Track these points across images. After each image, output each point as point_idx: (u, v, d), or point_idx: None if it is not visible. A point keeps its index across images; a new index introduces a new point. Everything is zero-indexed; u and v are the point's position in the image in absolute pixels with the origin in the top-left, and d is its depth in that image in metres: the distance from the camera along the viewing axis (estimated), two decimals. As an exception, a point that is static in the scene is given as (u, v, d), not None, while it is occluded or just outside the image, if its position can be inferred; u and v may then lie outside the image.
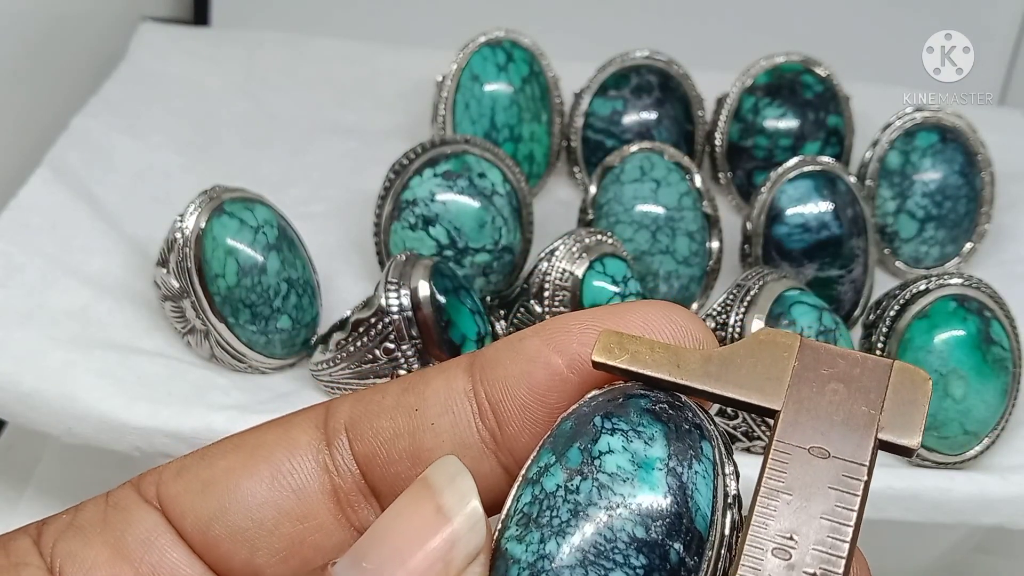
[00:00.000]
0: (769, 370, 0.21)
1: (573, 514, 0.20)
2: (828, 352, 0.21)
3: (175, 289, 0.48)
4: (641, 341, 0.22)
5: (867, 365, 0.21)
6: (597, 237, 0.49)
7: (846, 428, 0.20)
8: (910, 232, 0.59)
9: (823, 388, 0.21)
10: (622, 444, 0.20)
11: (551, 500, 0.20)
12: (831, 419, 0.21)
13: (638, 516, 0.20)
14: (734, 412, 0.48)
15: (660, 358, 0.22)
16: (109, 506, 0.24)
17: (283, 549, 0.23)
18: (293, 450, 0.24)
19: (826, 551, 0.19)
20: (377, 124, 0.67)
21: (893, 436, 0.20)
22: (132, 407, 0.45)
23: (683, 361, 0.22)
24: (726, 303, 0.48)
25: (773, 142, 0.61)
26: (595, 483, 0.20)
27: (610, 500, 0.20)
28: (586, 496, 0.20)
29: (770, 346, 0.22)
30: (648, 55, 0.62)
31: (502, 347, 0.23)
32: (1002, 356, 0.49)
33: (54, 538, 0.23)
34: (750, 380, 0.21)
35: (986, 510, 0.47)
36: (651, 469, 0.20)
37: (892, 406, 0.21)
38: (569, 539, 0.20)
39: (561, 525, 0.20)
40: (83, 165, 0.58)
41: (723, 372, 0.21)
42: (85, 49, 0.68)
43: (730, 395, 0.21)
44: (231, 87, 0.68)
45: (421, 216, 0.52)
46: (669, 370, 0.21)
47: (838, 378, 0.21)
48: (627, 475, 0.20)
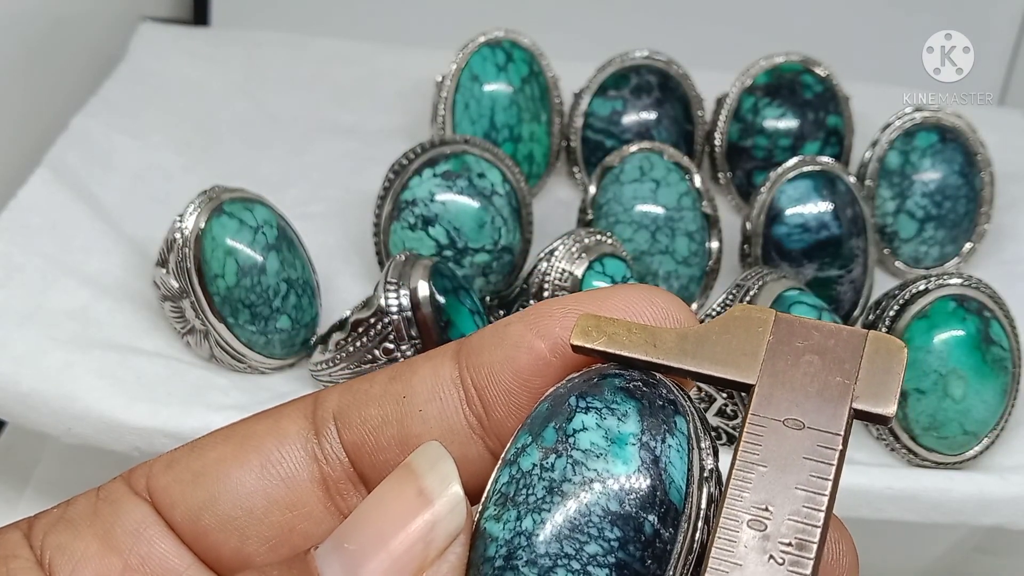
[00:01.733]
0: (744, 345, 0.21)
1: (548, 491, 0.20)
2: (802, 325, 0.21)
3: (175, 289, 0.48)
4: (618, 323, 0.22)
5: (841, 336, 0.21)
6: (596, 237, 0.49)
7: (820, 399, 0.21)
8: (910, 232, 0.59)
9: (797, 360, 0.21)
10: (596, 421, 0.21)
11: (527, 479, 0.20)
12: (806, 391, 0.21)
13: (612, 490, 0.20)
14: (733, 412, 0.48)
15: (636, 339, 0.22)
16: (100, 499, 0.24)
17: (272, 537, 0.23)
18: (282, 439, 0.24)
19: (801, 521, 0.19)
20: (377, 124, 0.67)
21: (868, 405, 0.20)
22: (132, 407, 0.45)
23: (659, 340, 0.22)
24: (726, 303, 0.48)
25: (773, 142, 0.61)
26: (569, 460, 0.20)
27: (584, 475, 0.20)
28: (560, 473, 0.20)
29: (745, 321, 0.22)
30: (648, 55, 0.62)
31: (487, 333, 0.23)
32: (1001, 356, 0.49)
33: (44, 531, 0.23)
34: (725, 356, 0.21)
35: (986, 510, 0.47)
36: (624, 444, 0.20)
37: (867, 375, 0.21)
38: (545, 515, 0.20)
39: (536, 502, 0.20)
40: (83, 165, 0.58)
41: (698, 349, 0.21)
42: (85, 49, 0.68)
43: (705, 371, 0.21)
44: (231, 87, 0.68)
45: (421, 216, 0.52)
46: (645, 350, 0.22)
47: (812, 350, 0.21)
48: (600, 451, 0.20)
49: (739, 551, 0.19)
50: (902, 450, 0.49)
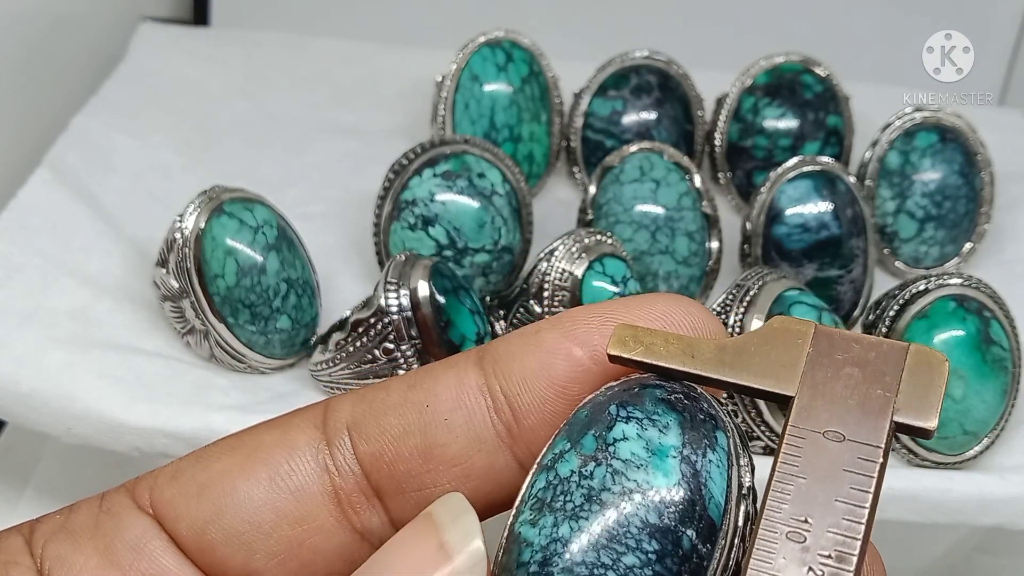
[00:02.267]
0: (783, 357, 0.21)
1: (587, 499, 0.20)
2: (843, 337, 0.21)
3: (174, 289, 0.48)
4: (656, 334, 0.22)
5: (882, 349, 0.21)
6: (596, 237, 0.49)
7: (861, 412, 0.20)
8: (910, 232, 0.59)
9: (838, 373, 0.21)
10: (636, 432, 0.21)
11: (565, 485, 0.20)
12: (846, 403, 0.21)
13: (651, 502, 0.20)
14: (733, 412, 0.48)
15: (674, 349, 0.22)
16: (102, 511, 0.23)
17: (281, 552, 0.23)
18: (292, 451, 0.23)
19: (841, 533, 0.19)
20: (377, 124, 0.67)
21: (909, 418, 0.20)
22: (132, 407, 0.45)
23: (697, 351, 0.22)
24: (726, 303, 0.48)
25: (773, 142, 0.61)
26: (609, 469, 0.20)
27: (624, 486, 0.20)
28: (600, 481, 0.20)
29: (784, 333, 0.22)
30: (648, 55, 0.62)
31: (516, 340, 0.23)
32: (1002, 356, 0.49)
33: (44, 539, 0.23)
34: (764, 368, 0.21)
35: (986, 510, 0.47)
36: (665, 456, 0.20)
37: (908, 388, 0.21)
38: (582, 523, 0.20)
39: (574, 509, 0.20)
40: (83, 165, 0.58)
41: (737, 361, 0.21)
42: (85, 49, 0.68)
43: (744, 383, 0.21)
44: (231, 87, 0.68)
45: (421, 216, 0.52)
46: (683, 360, 0.22)
47: (853, 362, 0.21)
48: (641, 462, 0.20)
49: (778, 563, 0.19)
50: (902, 450, 0.49)
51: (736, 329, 0.47)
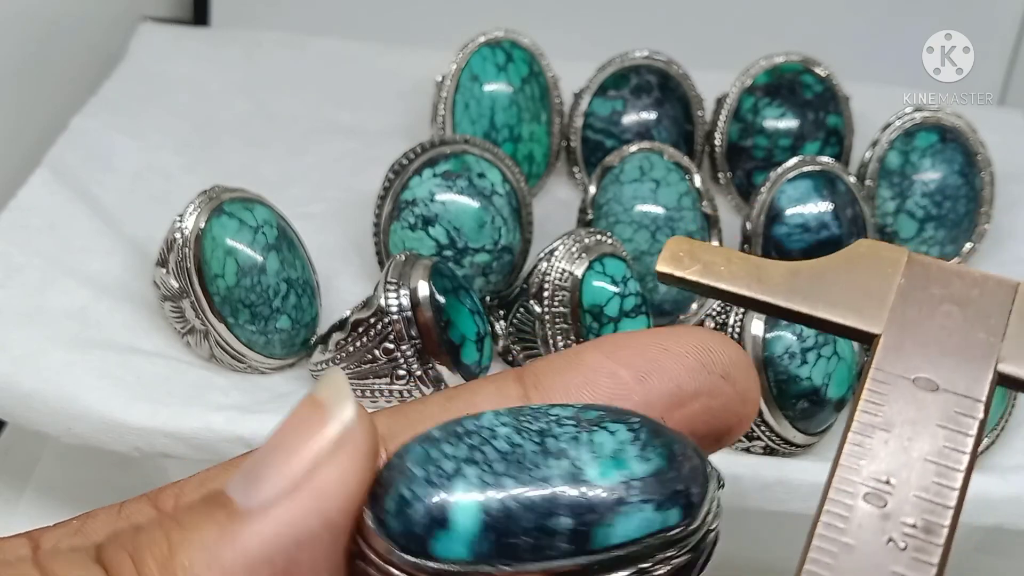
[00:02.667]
0: (869, 287, 0.18)
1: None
2: (941, 269, 0.18)
3: (174, 289, 0.48)
4: (716, 251, 0.19)
5: (987, 286, 0.18)
6: (596, 237, 0.49)
7: (960, 357, 0.18)
8: (910, 232, 0.59)
9: (934, 310, 0.18)
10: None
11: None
12: (942, 346, 0.18)
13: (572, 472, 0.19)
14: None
15: (737, 270, 0.19)
16: (121, 519, 0.23)
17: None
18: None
19: (930, 499, 0.16)
20: (377, 124, 0.67)
21: (1018, 368, 0.18)
22: (132, 407, 0.45)
23: (765, 274, 0.19)
24: (725, 303, 0.48)
25: (773, 142, 0.61)
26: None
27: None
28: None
29: (871, 260, 0.19)
30: (648, 55, 0.62)
31: (557, 360, 0.23)
32: (1002, 356, 0.49)
33: (56, 544, 0.22)
34: (845, 298, 0.18)
35: (986, 510, 0.47)
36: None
37: (1017, 333, 0.18)
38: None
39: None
40: (83, 165, 0.58)
41: (813, 288, 0.18)
42: (85, 49, 0.68)
43: (820, 315, 0.18)
44: (231, 87, 0.68)
45: (421, 216, 0.52)
46: (748, 283, 0.19)
47: (952, 300, 0.18)
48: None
49: (851, 529, 0.16)
50: (902, 450, 0.49)
51: (737, 329, 0.47)
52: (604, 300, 0.48)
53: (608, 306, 0.48)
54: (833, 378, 0.47)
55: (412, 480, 0.19)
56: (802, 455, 0.48)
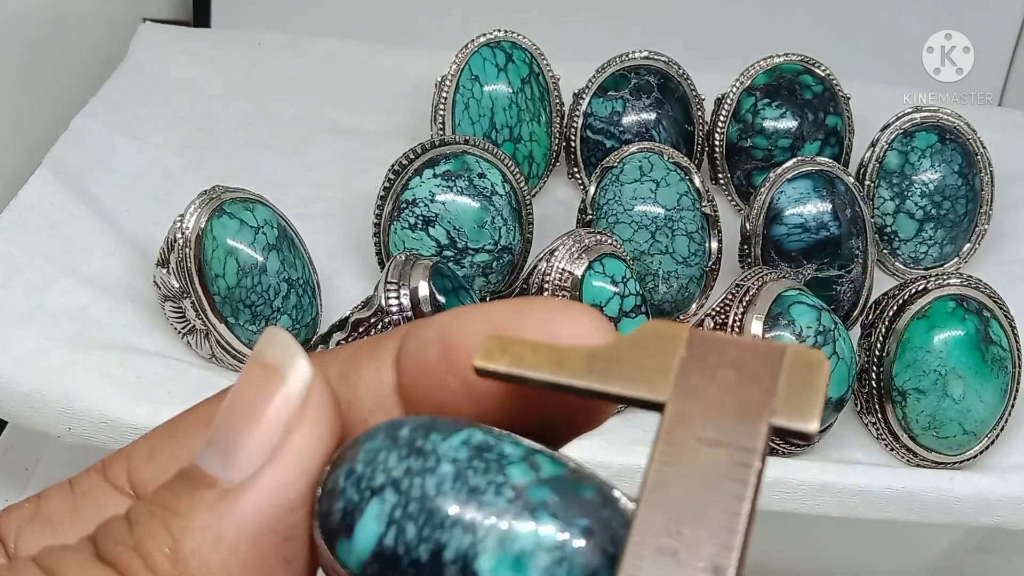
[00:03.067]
0: (656, 362, 0.20)
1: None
2: (718, 340, 0.20)
3: (175, 289, 0.48)
4: (524, 343, 0.20)
5: (759, 350, 0.20)
6: (596, 237, 0.49)
7: (737, 415, 0.19)
8: (909, 232, 0.59)
9: (713, 376, 0.20)
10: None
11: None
12: (721, 407, 0.19)
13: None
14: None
15: (542, 359, 0.20)
16: (77, 495, 0.23)
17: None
18: None
19: (717, 544, 0.18)
20: (377, 124, 0.67)
21: (787, 420, 0.19)
22: (132, 407, 0.45)
23: (567, 359, 0.20)
24: (725, 303, 0.48)
25: (772, 142, 0.61)
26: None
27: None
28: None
29: (657, 338, 0.20)
30: (647, 55, 0.62)
31: (413, 338, 0.22)
32: (1001, 356, 0.49)
33: (17, 527, 0.23)
34: (636, 373, 0.20)
35: (985, 510, 0.47)
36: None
37: (786, 390, 0.19)
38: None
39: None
40: (83, 165, 0.58)
41: (608, 367, 0.20)
42: (85, 50, 0.68)
43: (615, 391, 0.20)
44: (231, 87, 0.68)
45: (421, 216, 0.52)
46: (551, 369, 0.20)
47: (729, 364, 0.20)
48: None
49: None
50: (901, 450, 0.49)
51: (736, 328, 0.47)
52: (604, 300, 0.48)
53: (608, 306, 0.48)
54: (832, 378, 0.47)
55: (351, 474, 0.19)
56: (801, 455, 0.48)
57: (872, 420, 0.50)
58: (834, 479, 0.46)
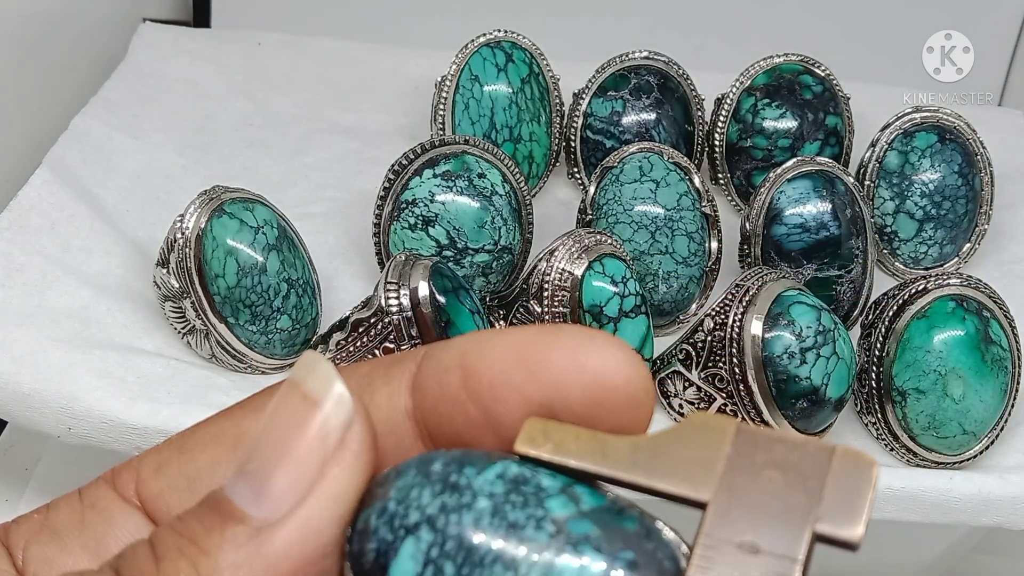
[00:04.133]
0: (701, 457, 0.19)
1: None
2: (765, 437, 0.19)
3: (175, 289, 0.48)
4: (566, 429, 0.20)
5: (807, 450, 0.19)
6: (596, 237, 0.49)
7: (780, 520, 0.19)
8: (909, 232, 0.59)
9: (757, 476, 0.19)
10: None
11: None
12: (765, 510, 0.19)
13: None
14: (733, 412, 0.48)
15: (585, 447, 0.20)
16: (85, 506, 0.23)
17: None
18: None
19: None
20: (377, 124, 0.67)
21: (832, 528, 0.19)
22: (132, 407, 0.45)
23: (610, 449, 0.20)
24: (725, 303, 0.48)
25: (772, 142, 0.61)
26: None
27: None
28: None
29: (703, 431, 0.20)
30: (647, 55, 0.62)
31: (436, 348, 0.22)
32: (1001, 356, 0.49)
33: (25, 540, 0.22)
34: (680, 468, 0.19)
35: (985, 510, 0.47)
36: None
37: (832, 494, 0.19)
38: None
39: None
40: (83, 165, 0.58)
41: (652, 460, 0.20)
42: (85, 50, 0.68)
43: (658, 487, 0.19)
44: (231, 87, 0.68)
45: (421, 216, 0.52)
46: (595, 459, 0.20)
47: (774, 464, 0.19)
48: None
49: None
50: (901, 450, 0.49)
51: (736, 328, 0.47)
52: (604, 300, 0.48)
53: (608, 306, 0.48)
54: (832, 378, 0.47)
55: (383, 512, 0.19)
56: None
57: (872, 420, 0.50)
58: (834, 479, 0.46)
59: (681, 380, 0.49)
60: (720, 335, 0.48)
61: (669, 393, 0.50)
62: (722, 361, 0.48)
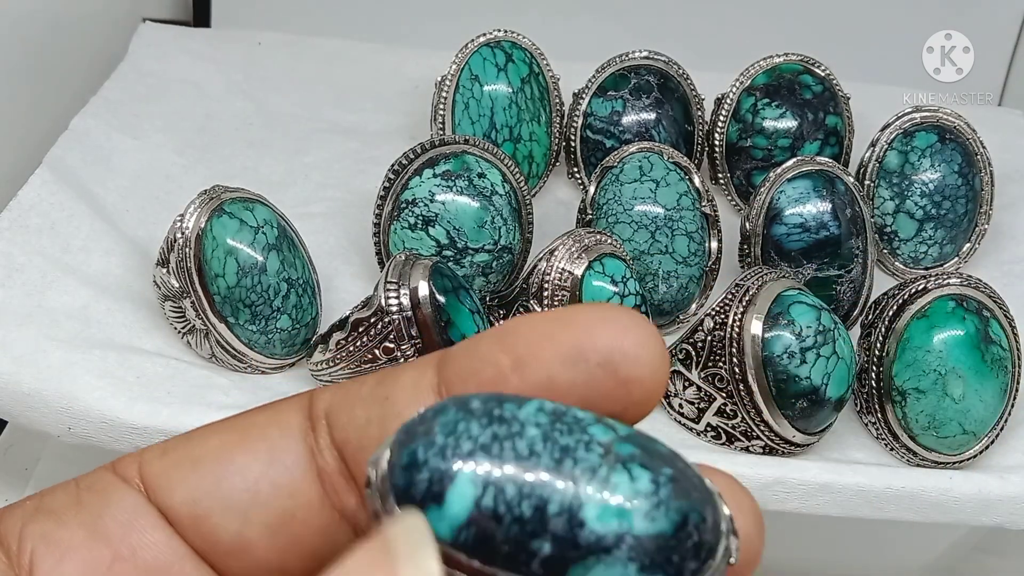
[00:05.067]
0: None
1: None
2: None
3: (175, 289, 0.48)
4: None
5: None
6: (596, 237, 0.49)
7: None
8: (909, 232, 0.59)
9: None
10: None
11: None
12: None
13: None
14: (733, 411, 0.48)
15: None
16: (82, 489, 0.23)
17: (274, 522, 0.23)
18: (285, 430, 0.24)
19: None
20: (377, 124, 0.67)
21: None
22: (132, 407, 0.45)
23: None
24: (725, 303, 0.48)
25: (772, 142, 0.61)
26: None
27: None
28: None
29: None
30: (647, 55, 0.62)
31: (462, 345, 0.23)
32: (1001, 356, 0.49)
33: (22, 522, 0.23)
34: None
35: (985, 510, 0.47)
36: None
37: None
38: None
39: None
40: (83, 165, 0.58)
41: None
42: (85, 50, 0.68)
43: None
44: (231, 87, 0.68)
45: (421, 216, 0.52)
46: None
47: None
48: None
49: None
50: (901, 450, 0.49)
51: (736, 328, 0.47)
52: (604, 300, 0.48)
53: (608, 306, 0.48)
54: (832, 377, 0.47)
55: (431, 445, 0.19)
56: (801, 454, 0.48)
57: (872, 420, 0.50)
58: (834, 479, 0.46)
59: (681, 380, 0.49)
60: (720, 335, 0.48)
61: (669, 393, 0.50)
62: (722, 361, 0.48)
